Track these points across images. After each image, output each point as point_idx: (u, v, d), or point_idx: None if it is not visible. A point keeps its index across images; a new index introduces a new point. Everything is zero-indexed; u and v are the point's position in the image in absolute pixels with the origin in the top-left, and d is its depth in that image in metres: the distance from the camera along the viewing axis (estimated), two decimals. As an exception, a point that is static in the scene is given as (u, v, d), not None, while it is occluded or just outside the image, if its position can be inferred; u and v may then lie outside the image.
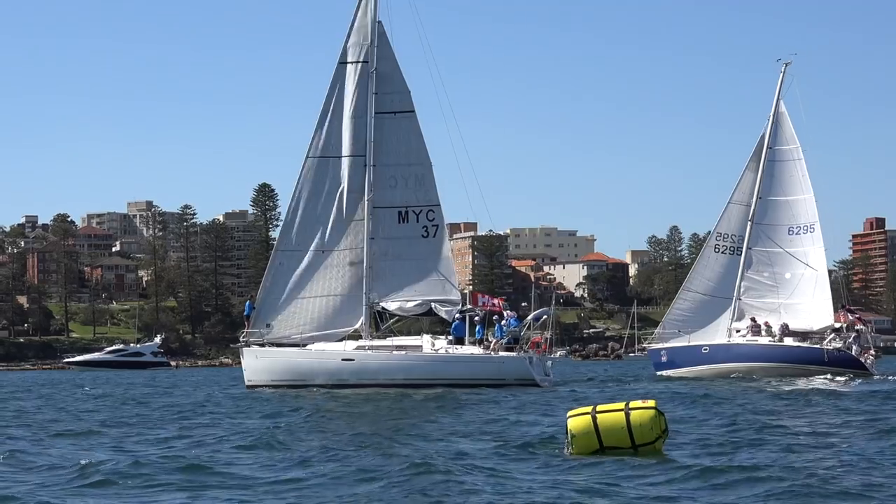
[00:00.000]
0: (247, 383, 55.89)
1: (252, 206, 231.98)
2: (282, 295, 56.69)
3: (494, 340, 56.71)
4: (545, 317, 62.61)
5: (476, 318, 59.25)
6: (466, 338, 56.94)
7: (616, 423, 22.44)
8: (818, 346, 63.64)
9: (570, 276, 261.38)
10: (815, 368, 61.66)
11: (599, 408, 22.85)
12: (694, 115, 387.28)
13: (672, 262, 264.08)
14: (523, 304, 61.74)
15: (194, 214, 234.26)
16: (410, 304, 57.73)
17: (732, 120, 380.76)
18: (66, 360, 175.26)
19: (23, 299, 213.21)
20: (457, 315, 58.10)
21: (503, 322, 58.04)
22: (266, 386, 54.82)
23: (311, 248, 56.81)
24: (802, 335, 65.04)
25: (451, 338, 57.44)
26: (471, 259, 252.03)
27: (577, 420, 22.74)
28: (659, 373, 66.22)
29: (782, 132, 68.17)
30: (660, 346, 68.12)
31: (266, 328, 56.52)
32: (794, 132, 68.15)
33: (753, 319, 66.22)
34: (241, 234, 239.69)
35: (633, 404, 22.73)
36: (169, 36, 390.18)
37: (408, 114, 57.23)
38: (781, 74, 68.50)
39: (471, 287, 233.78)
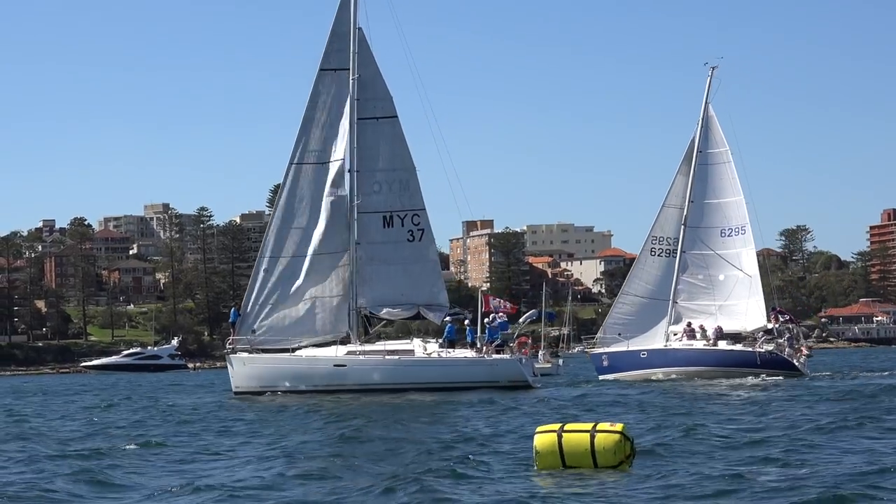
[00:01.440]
0: (234, 389, 55.98)
1: (268, 206, 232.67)
2: (267, 301, 56.71)
3: (485, 343, 56.77)
4: (534, 318, 63.23)
5: (466, 322, 59.59)
6: (476, 340, 57.08)
7: (580, 444, 22.36)
8: (750, 349, 64.37)
9: (588, 272, 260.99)
10: (749, 371, 62.40)
11: (567, 427, 22.80)
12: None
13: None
14: (502, 306, 61.46)
15: (211, 216, 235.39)
16: (398, 309, 57.87)
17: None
18: (84, 363, 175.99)
19: (41, 303, 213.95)
20: (447, 318, 58.35)
21: (494, 324, 58.31)
22: (255, 392, 54.90)
23: (296, 254, 56.85)
24: (736, 337, 65.86)
25: (441, 341, 57.66)
26: (488, 256, 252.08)
27: (542, 437, 22.70)
28: (601, 377, 66.61)
29: (712, 135, 68.69)
30: (601, 350, 68.52)
31: (252, 334, 56.57)
32: (724, 135, 68.81)
33: (689, 324, 66.79)
34: (257, 236, 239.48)
35: (600, 426, 22.61)
36: (183, 39, 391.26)
37: (390, 119, 57.29)
38: (709, 78, 69.02)
39: (487, 285, 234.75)
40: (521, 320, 64.05)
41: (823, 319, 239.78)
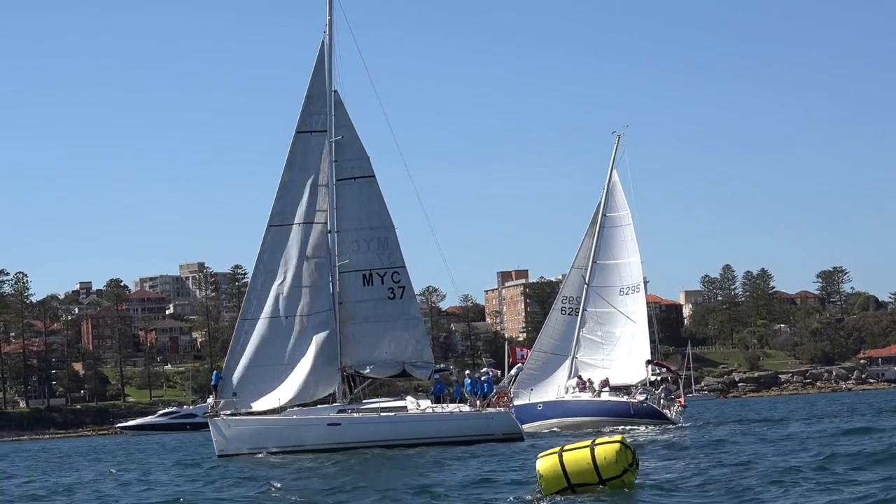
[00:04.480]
0: (218, 453, 55.99)
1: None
2: (249, 364, 56.61)
3: (478, 398, 57.25)
4: (518, 374, 64.93)
5: (453, 378, 60.07)
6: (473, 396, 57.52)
7: (581, 460, 22.98)
8: (625, 399, 68.21)
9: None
10: (624, 420, 66.33)
11: (567, 447, 23.43)
12: (741, 150, 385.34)
13: (726, 301, 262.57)
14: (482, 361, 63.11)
15: (245, 274, 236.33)
16: (383, 367, 58.12)
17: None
18: (119, 424, 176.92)
19: (78, 366, 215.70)
20: (436, 376, 58.75)
21: (482, 380, 58.83)
22: (242, 454, 54.98)
23: (277, 315, 56.79)
24: (624, 389, 69.80)
25: (432, 397, 58.15)
26: (523, 307, 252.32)
27: (544, 461, 23.33)
28: None
29: (614, 200, 72.57)
30: (514, 403, 70.33)
31: (233, 397, 56.69)
32: (626, 199, 72.59)
33: (580, 377, 70.38)
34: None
35: (598, 440, 23.29)
36: (217, 98, 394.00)
37: (368, 178, 57.71)
38: (615, 145, 72.61)
39: (524, 335, 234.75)
40: (510, 373, 65.53)
41: (862, 361, 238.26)
